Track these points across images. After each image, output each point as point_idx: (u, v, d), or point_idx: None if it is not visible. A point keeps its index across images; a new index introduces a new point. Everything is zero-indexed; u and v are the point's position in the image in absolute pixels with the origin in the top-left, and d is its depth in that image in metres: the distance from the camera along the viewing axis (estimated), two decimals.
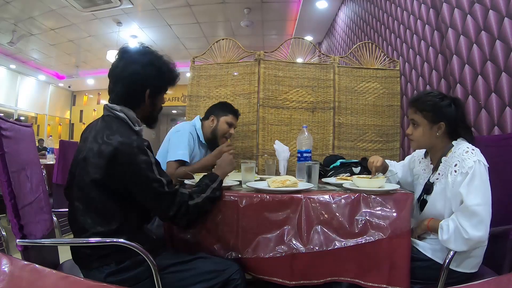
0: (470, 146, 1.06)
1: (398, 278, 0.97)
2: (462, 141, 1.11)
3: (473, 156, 1.01)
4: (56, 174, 2.56)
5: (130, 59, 1.01)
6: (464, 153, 1.03)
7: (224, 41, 2.28)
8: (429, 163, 1.23)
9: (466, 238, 0.94)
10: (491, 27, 1.71)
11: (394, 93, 2.30)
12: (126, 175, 0.93)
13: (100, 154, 0.92)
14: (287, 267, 1.02)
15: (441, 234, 1.01)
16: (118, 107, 1.01)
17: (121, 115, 1.01)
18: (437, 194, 1.11)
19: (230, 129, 1.83)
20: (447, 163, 1.09)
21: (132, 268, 0.94)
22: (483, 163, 1.01)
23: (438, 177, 1.13)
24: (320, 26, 5.79)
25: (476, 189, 0.97)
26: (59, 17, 5.60)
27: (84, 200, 0.95)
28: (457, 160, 1.04)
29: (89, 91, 10.86)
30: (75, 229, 0.99)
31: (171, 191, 0.97)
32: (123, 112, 1.01)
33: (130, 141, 0.93)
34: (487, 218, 0.96)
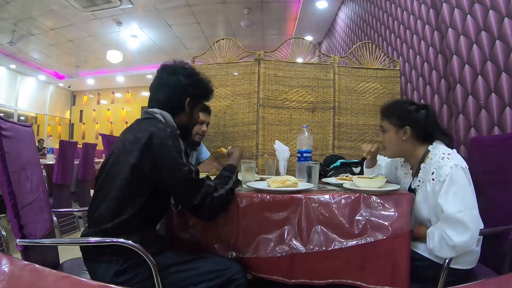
0: (446, 150, 1.06)
1: (398, 278, 0.97)
2: (438, 144, 1.11)
3: (449, 162, 1.01)
4: (56, 174, 2.56)
5: (171, 71, 1.10)
6: (440, 160, 1.04)
7: (224, 41, 2.28)
8: (408, 169, 1.25)
9: (452, 245, 0.95)
10: (491, 27, 1.71)
11: (394, 93, 2.29)
12: (159, 157, 0.95)
13: (136, 140, 0.97)
14: (288, 266, 1.02)
15: (428, 243, 1.02)
16: (158, 110, 1.07)
17: (159, 116, 1.06)
18: (420, 202, 1.11)
19: (201, 126, 1.79)
20: (425, 170, 1.10)
21: (135, 267, 0.94)
22: (461, 166, 1.01)
23: (419, 184, 1.13)
24: (320, 26, 5.79)
25: (454, 196, 0.97)
26: (59, 17, 5.60)
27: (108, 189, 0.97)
28: (433, 168, 1.05)
29: (89, 91, 10.88)
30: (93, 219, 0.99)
31: (198, 179, 1.00)
32: (162, 114, 1.06)
33: (164, 127, 0.99)
34: (470, 222, 0.95)
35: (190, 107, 1.12)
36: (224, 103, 2.24)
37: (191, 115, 1.15)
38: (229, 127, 2.23)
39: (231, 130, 2.22)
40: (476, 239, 0.98)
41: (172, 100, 1.09)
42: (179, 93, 1.09)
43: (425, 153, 1.13)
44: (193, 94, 1.11)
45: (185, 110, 1.11)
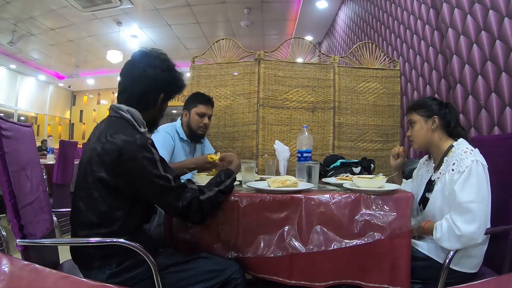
0: (470, 146, 1.08)
1: (398, 278, 0.97)
2: (463, 141, 1.13)
3: (471, 156, 1.03)
4: (56, 174, 2.56)
5: (151, 63, 1.04)
6: (462, 153, 1.06)
7: (224, 41, 2.28)
8: (431, 163, 1.26)
9: (459, 234, 0.96)
10: (491, 27, 1.71)
11: (394, 93, 2.30)
12: (131, 172, 0.92)
13: (104, 152, 0.92)
14: (287, 266, 1.02)
15: (435, 234, 1.02)
16: (125, 108, 1.01)
17: (127, 116, 1.00)
18: (438, 193, 1.12)
19: (203, 119, 1.76)
20: (448, 163, 1.11)
21: (133, 268, 0.94)
22: (481, 163, 1.02)
23: (439, 176, 1.15)
24: (320, 26, 5.79)
25: (470, 187, 0.99)
26: (59, 17, 5.60)
27: (86, 201, 0.95)
28: (455, 160, 1.07)
29: (89, 91, 10.87)
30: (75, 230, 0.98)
31: (179, 185, 0.97)
32: (130, 113, 1.01)
33: (134, 139, 0.93)
34: (481, 215, 0.97)
35: (161, 102, 1.09)
36: (224, 103, 2.24)
37: (161, 109, 1.11)
38: (229, 127, 2.23)
39: (231, 130, 2.22)
40: (483, 232, 0.98)
41: (147, 94, 1.04)
42: (156, 89, 1.04)
43: (449, 147, 1.15)
44: (168, 90, 1.08)
45: (157, 105, 1.08)
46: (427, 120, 1.20)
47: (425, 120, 1.20)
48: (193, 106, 1.77)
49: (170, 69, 1.07)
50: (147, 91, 1.03)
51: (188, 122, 1.77)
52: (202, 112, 1.76)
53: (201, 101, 1.77)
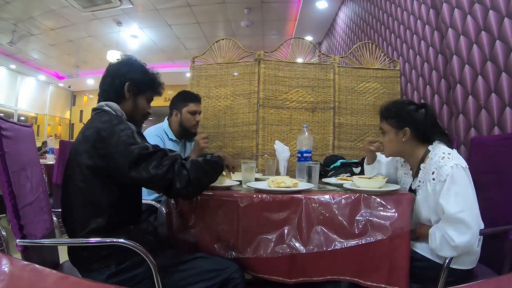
0: (447, 150, 1.06)
1: (397, 278, 0.97)
2: (438, 144, 1.11)
3: (449, 161, 1.01)
4: (56, 174, 2.56)
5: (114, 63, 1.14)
6: (440, 159, 1.03)
7: (224, 41, 2.28)
8: (408, 169, 1.25)
9: (453, 245, 0.95)
10: (491, 27, 1.71)
11: (394, 93, 2.30)
12: (111, 149, 0.92)
13: (84, 139, 0.96)
14: (287, 266, 1.02)
15: (430, 243, 1.02)
16: (103, 103, 1.07)
17: (105, 108, 1.05)
18: (420, 202, 1.11)
19: (194, 117, 1.80)
20: (426, 170, 1.10)
21: (132, 268, 0.94)
22: (461, 166, 1.00)
23: (419, 184, 1.13)
24: (320, 26, 5.79)
25: (455, 196, 0.97)
26: (59, 17, 5.60)
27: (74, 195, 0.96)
28: (434, 168, 1.05)
29: (89, 91, 10.86)
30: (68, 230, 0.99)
31: (156, 150, 0.94)
32: (108, 105, 1.06)
33: (110, 119, 0.98)
34: (472, 222, 0.95)
35: (132, 94, 1.10)
36: (224, 103, 2.24)
37: (135, 104, 1.12)
38: (229, 127, 2.23)
39: (231, 130, 2.22)
40: (477, 238, 0.98)
41: (113, 86, 1.09)
42: (118, 78, 1.09)
43: (425, 153, 1.13)
44: (132, 78, 1.09)
45: (126, 96, 1.09)
46: (398, 132, 1.16)
47: (395, 131, 1.16)
48: (183, 106, 1.79)
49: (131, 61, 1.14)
50: (111, 83, 1.09)
51: (181, 122, 1.79)
52: (194, 110, 1.80)
53: (191, 99, 1.81)
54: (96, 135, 0.93)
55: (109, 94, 1.09)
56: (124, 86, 1.09)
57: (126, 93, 1.09)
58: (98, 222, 0.94)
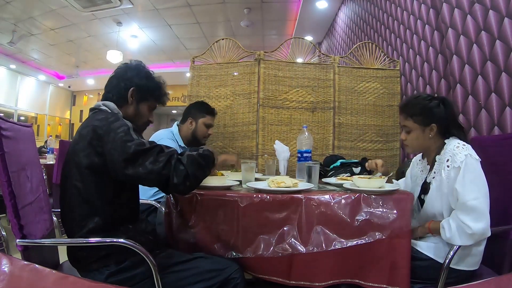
0: (461, 142, 1.08)
1: (398, 278, 0.97)
2: (453, 139, 1.13)
3: (463, 151, 1.03)
4: (56, 174, 2.56)
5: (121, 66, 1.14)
6: (455, 148, 1.05)
7: (224, 41, 2.28)
8: (426, 164, 1.25)
9: (470, 233, 0.96)
10: (491, 27, 1.71)
11: (394, 93, 2.30)
12: (107, 145, 0.92)
13: (81, 139, 0.96)
14: (287, 266, 1.02)
15: (443, 233, 1.02)
16: (101, 102, 1.07)
17: (103, 108, 1.06)
18: (434, 192, 1.12)
19: (208, 130, 1.84)
20: (441, 161, 1.12)
21: (132, 268, 0.94)
22: (474, 157, 1.02)
23: (434, 175, 1.14)
24: (320, 26, 5.79)
25: (470, 183, 0.99)
26: (59, 17, 5.60)
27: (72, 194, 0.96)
28: (448, 156, 1.07)
29: (89, 91, 10.86)
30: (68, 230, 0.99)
31: (153, 146, 0.93)
32: (105, 105, 1.06)
33: (106, 117, 0.98)
34: (485, 209, 0.97)
35: (135, 100, 1.10)
36: (224, 103, 2.24)
37: (137, 110, 1.11)
38: (229, 127, 2.23)
39: (231, 130, 2.22)
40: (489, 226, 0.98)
41: (117, 89, 1.09)
42: (123, 81, 1.09)
43: (441, 145, 1.14)
44: (137, 84, 1.09)
45: (129, 101, 1.09)
46: (425, 129, 1.14)
47: (422, 129, 1.15)
48: (201, 116, 1.82)
49: (139, 67, 1.13)
50: (116, 86, 1.10)
51: (195, 131, 1.82)
52: (210, 123, 1.84)
53: (209, 112, 1.85)
54: (92, 133, 0.94)
55: (112, 96, 1.09)
56: (128, 90, 1.09)
57: (129, 98, 1.09)
58: (95, 222, 0.94)
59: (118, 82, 1.09)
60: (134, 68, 1.12)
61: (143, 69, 1.14)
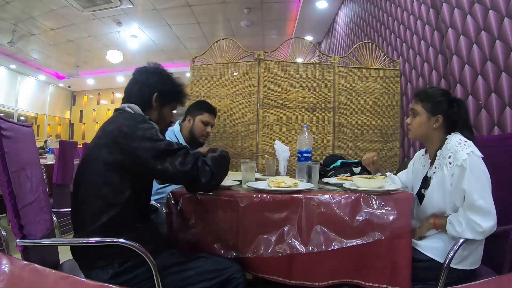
0: (463, 138, 1.08)
1: (399, 278, 0.97)
2: (455, 134, 1.13)
3: (465, 148, 1.03)
4: (56, 174, 2.56)
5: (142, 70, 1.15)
6: (456, 144, 1.05)
7: (224, 41, 2.28)
8: (427, 159, 1.25)
9: (481, 231, 0.98)
10: (491, 27, 1.71)
11: (394, 93, 2.30)
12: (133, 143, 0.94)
13: (106, 134, 0.98)
14: (287, 266, 1.02)
15: (453, 228, 1.02)
16: (126, 104, 1.08)
17: (128, 109, 1.07)
18: (434, 187, 1.13)
19: (206, 128, 1.80)
20: (442, 156, 1.12)
21: (135, 268, 0.94)
22: (477, 154, 1.02)
23: (434, 170, 1.15)
24: (320, 26, 5.79)
25: (476, 183, 0.99)
26: (59, 17, 5.60)
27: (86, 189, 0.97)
28: (450, 152, 1.07)
29: (89, 91, 10.87)
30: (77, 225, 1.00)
31: (181, 147, 0.98)
32: (130, 107, 1.07)
33: (132, 117, 1.01)
34: (492, 207, 0.98)
35: (158, 104, 1.12)
36: (224, 103, 2.24)
37: (161, 114, 1.14)
38: (229, 127, 2.23)
39: (231, 130, 2.22)
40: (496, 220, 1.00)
41: (140, 94, 1.10)
42: (147, 87, 1.10)
43: (443, 140, 1.14)
44: (161, 90, 1.11)
45: (153, 106, 1.11)
46: (431, 117, 1.16)
47: (429, 116, 1.16)
48: (198, 113, 1.80)
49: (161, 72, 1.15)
50: (139, 91, 1.10)
51: (192, 128, 1.79)
52: (207, 120, 1.80)
53: (207, 109, 1.82)
54: (118, 131, 0.96)
55: (135, 101, 1.10)
56: (152, 95, 1.11)
57: (153, 103, 1.11)
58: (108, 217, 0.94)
59: (141, 88, 1.10)
60: (155, 72, 1.14)
61: (164, 72, 1.16)
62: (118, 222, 0.95)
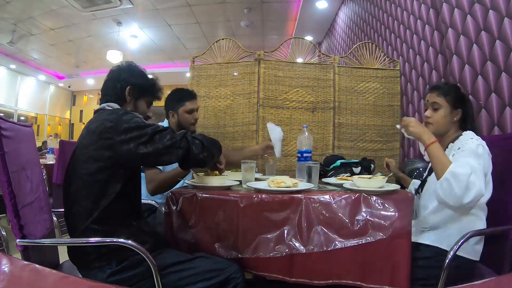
0: (476, 136, 1.10)
1: (399, 278, 0.97)
2: (471, 132, 1.15)
3: (476, 142, 1.05)
4: (56, 174, 2.56)
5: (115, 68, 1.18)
6: (468, 139, 1.08)
7: (224, 41, 2.28)
8: None
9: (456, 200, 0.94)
10: (491, 27, 1.71)
11: (394, 93, 2.30)
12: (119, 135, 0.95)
13: (90, 133, 0.99)
14: (287, 266, 1.02)
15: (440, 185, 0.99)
16: (105, 104, 1.10)
17: (107, 108, 1.08)
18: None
19: (192, 115, 1.71)
20: (452, 148, 1.14)
21: (133, 267, 0.94)
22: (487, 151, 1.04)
23: None
24: (320, 26, 5.79)
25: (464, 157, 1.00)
26: (59, 17, 5.60)
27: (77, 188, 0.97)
28: (460, 144, 1.09)
29: (89, 91, 10.87)
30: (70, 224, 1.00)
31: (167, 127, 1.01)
32: (109, 106, 1.09)
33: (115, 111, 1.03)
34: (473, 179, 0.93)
35: (132, 97, 1.14)
36: (224, 103, 2.24)
37: (136, 107, 1.16)
38: (229, 127, 2.23)
39: (231, 130, 2.22)
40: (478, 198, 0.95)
41: (114, 90, 1.12)
42: (119, 82, 1.13)
43: (458, 135, 1.17)
44: (133, 83, 1.13)
45: (127, 100, 1.13)
46: (453, 111, 1.18)
47: (451, 109, 1.18)
48: (179, 106, 1.70)
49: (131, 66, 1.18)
50: (112, 87, 1.13)
51: (178, 122, 1.71)
52: (191, 108, 1.70)
53: (186, 97, 1.71)
54: (102, 127, 0.96)
55: (111, 97, 1.12)
56: (125, 89, 1.12)
57: (127, 97, 1.13)
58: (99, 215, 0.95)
59: (114, 84, 1.13)
60: (127, 68, 1.17)
61: (135, 68, 1.19)
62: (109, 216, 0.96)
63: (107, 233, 0.94)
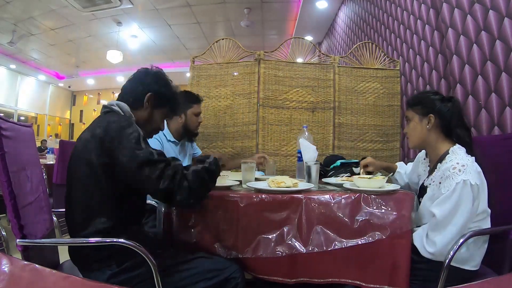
0: (463, 160, 1.02)
1: (398, 278, 0.97)
2: (459, 149, 1.08)
3: (458, 176, 0.98)
4: (56, 174, 2.56)
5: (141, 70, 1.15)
6: (451, 169, 1.00)
7: (224, 41, 2.28)
8: (427, 165, 1.24)
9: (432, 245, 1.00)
10: (491, 27, 1.71)
11: (394, 93, 2.30)
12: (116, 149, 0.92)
13: (93, 138, 0.95)
14: (288, 266, 1.02)
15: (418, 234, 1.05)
16: (115, 102, 1.06)
17: (115, 108, 1.04)
18: (426, 200, 1.12)
19: (198, 118, 1.79)
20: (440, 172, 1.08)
21: (133, 268, 0.94)
22: (470, 182, 0.96)
23: (430, 182, 1.13)
24: (320, 26, 5.80)
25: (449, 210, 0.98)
26: (59, 17, 5.60)
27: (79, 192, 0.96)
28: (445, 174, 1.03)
29: (89, 91, 10.88)
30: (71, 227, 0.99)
31: (162, 158, 0.93)
32: (119, 106, 1.05)
33: (118, 119, 0.98)
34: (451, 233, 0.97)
35: (150, 105, 1.10)
36: (224, 103, 2.24)
37: (151, 116, 1.11)
38: (229, 127, 2.23)
39: (231, 130, 2.22)
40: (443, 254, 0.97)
41: (134, 91, 1.09)
42: (142, 85, 1.10)
43: (445, 153, 1.11)
44: (155, 90, 1.09)
45: (144, 105, 1.09)
46: (422, 119, 1.15)
47: (420, 118, 1.16)
48: (188, 107, 1.75)
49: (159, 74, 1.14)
50: (133, 88, 1.10)
51: (186, 124, 1.75)
52: (198, 111, 1.78)
53: (195, 100, 1.78)
54: (104, 134, 0.94)
55: (128, 97, 1.09)
56: (145, 95, 1.09)
57: (145, 103, 1.09)
58: (100, 221, 0.94)
59: (136, 86, 1.10)
60: (154, 74, 1.13)
61: (162, 76, 1.14)
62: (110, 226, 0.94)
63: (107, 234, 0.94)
